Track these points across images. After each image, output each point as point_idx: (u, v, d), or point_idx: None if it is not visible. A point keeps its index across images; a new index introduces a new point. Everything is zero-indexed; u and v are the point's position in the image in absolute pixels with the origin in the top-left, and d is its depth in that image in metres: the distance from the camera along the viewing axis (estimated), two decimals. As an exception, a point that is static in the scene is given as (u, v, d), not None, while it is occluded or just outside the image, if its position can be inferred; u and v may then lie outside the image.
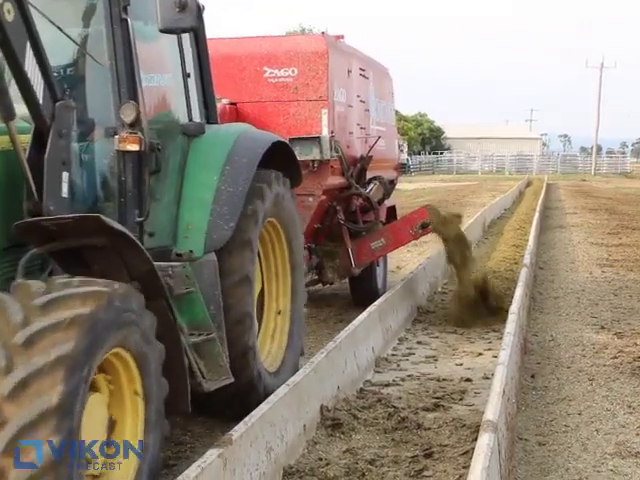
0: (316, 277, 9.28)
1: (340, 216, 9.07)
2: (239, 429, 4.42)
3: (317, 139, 7.95)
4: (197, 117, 5.85)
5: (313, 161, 8.02)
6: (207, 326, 5.13)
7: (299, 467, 4.91)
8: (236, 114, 8.24)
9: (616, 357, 7.64)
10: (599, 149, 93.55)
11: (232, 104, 8.28)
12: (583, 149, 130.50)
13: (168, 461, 5.11)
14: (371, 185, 9.47)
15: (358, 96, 9.40)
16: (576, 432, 5.70)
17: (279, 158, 6.14)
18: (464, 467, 4.82)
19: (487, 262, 13.48)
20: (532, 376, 7.09)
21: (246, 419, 4.60)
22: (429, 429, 5.61)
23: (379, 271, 10.42)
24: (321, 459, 5.08)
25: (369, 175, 9.50)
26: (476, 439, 4.50)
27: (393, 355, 7.89)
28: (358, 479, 4.77)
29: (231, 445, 4.20)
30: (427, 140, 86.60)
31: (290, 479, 4.78)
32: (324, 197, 8.57)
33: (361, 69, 9.63)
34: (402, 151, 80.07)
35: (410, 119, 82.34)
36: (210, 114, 6.07)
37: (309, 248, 8.49)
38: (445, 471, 4.90)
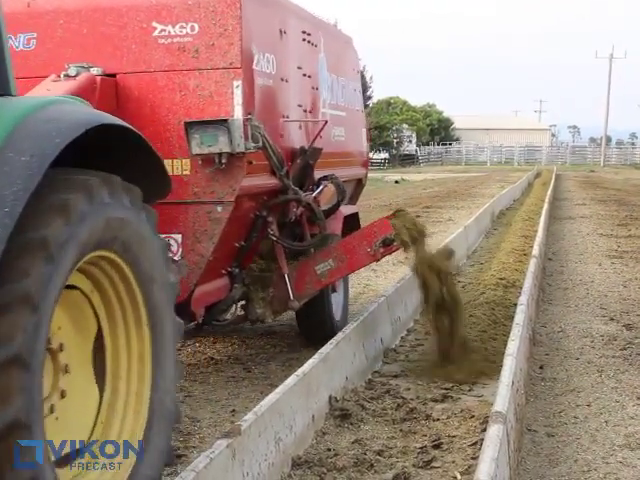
0: (242, 313, 6.97)
1: (272, 230, 6.53)
2: (248, 419, 4.42)
3: (224, 123, 5.54)
4: None
5: (220, 154, 5.58)
6: None
7: (308, 457, 4.92)
8: (115, 89, 5.83)
9: (625, 349, 7.63)
10: (608, 140, 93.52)
11: (108, 76, 5.79)
12: (592, 140, 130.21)
13: (177, 451, 5.13)
14: (320, 187, 7.12)
15: (299, 68, 6.97)
16: (585, 423, 5.70)
17: (135, 155, 3.96)
18: (473, 458, 4.82)
19: (496, 253, 13.48)
20: (541, 367, 7.08)
21: (255, 409, 4.60)
22: (438, 420, 5.61)
23: (336, 298, 7.92)
24: (330, 449, 5.09)
25: (320, 173, 7.19)
26: (485, 430, 4.50)
27: (401, 346, 7.88)
28: (367, 470, 4.78)
29: (240, 435, 4.21)
30: (436, 131, 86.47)
31: (299, 469, 4.79)
32: (250, 204, 6.24)
33: (305, 33, 7.16)
34: (410, 142, 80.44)
35: (419, 110, 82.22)
36: None
37: (229, 274, 6.39)
38: (454, 462, 4.90)
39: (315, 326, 7.62)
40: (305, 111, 7.13)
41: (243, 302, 6.90)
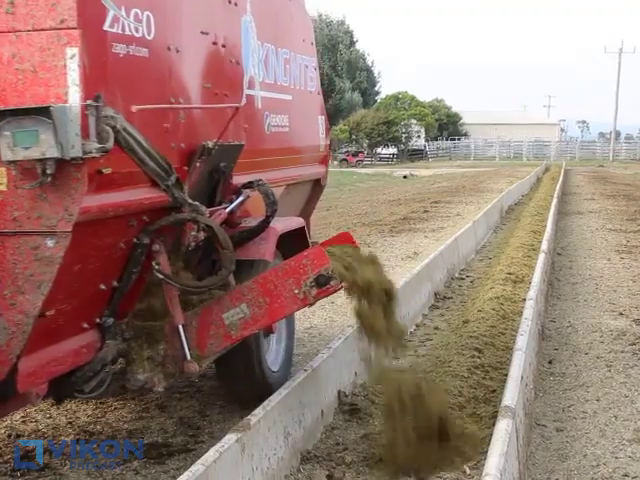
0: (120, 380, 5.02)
1: (158, 264, 4.54)
2: (257, 414, 4.44)
3: (44, 113, 3.52)
4: None
5: (43, 161, 3.56)
6: None
7: (317, 452, 4.94)
8: None
9: (634, 344, 7.62)
10: (617, 135, 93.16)
11: None
12: (601, 135, 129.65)
13: (186, 445, 5.16)
14: (240, 198, 5.28)
15: (204, 33, 4.98)
16: (594, 418, 5.70)
17: None
18: (482, 453, 4.82)
19: (505, 248, 13.46)
20: (550, 362, 7.08)
21: (265, 403, 4.62)
22: (446, 415, 5.61)
23: (272, 345, 5.95)
24: (338, 444, 5.11)
25: (249, 178, 5.41)
26: (494, 425, 4.50)
27: (410, 341, 7.87)
28: (375, 464, 4.79)
29: (249, 430, 4.22)
30: (444, 126, 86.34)
31: (307, 464, 4.80)
32: (116, 230, 4.22)
33: None
34: (419, 137, 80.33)
35: (427, 105, 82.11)
36: None
37: (98, 327, 4.45)
38: (463, 456, 4.90)
39: (241, 381, 5.55)
40: (216, 94, 5.11)
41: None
